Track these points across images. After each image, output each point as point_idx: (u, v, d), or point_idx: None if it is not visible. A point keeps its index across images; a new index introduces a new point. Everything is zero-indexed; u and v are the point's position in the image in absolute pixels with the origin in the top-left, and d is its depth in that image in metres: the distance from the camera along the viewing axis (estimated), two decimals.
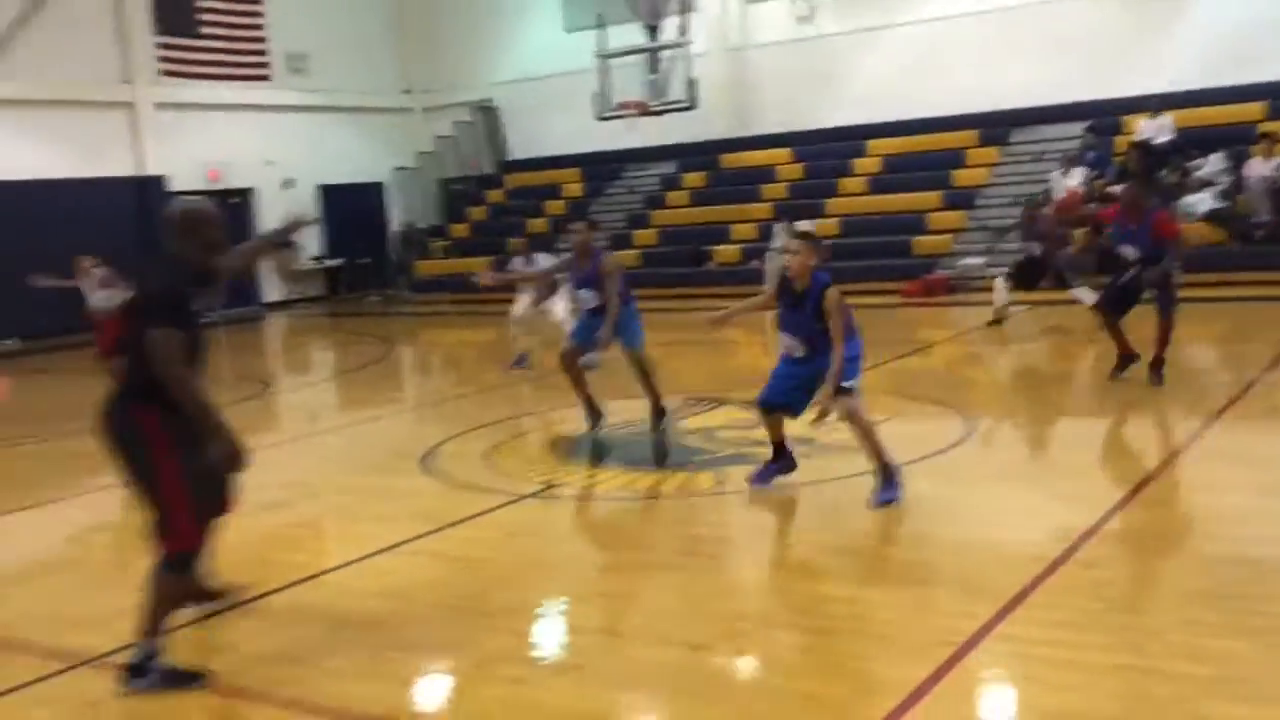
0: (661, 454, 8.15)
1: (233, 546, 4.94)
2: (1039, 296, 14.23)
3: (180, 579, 4.41)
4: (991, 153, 19.24)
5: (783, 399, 6.40)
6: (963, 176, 19.01)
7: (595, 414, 8.74)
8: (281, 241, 5.26)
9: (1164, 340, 8.86)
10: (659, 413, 8.62)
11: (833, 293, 6.05)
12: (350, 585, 5.59)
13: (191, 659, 4.63)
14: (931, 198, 18.63)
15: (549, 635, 4.97)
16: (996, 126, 19.42)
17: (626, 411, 9.40)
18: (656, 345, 14.56)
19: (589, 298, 8.58)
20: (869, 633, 4.61)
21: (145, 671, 4.33)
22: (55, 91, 19.49)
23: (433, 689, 4.44)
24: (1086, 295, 11.26)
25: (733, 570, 5.82)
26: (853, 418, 6.14)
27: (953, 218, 18.19)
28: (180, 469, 4.30)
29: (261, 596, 5.39)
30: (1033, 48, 18.97)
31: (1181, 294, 8.94)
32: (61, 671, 4.70)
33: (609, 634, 4.80)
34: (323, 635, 4.93)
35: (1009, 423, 8.89)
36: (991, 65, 19.22)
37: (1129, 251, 8.90)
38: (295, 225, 5.36)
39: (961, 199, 18.53)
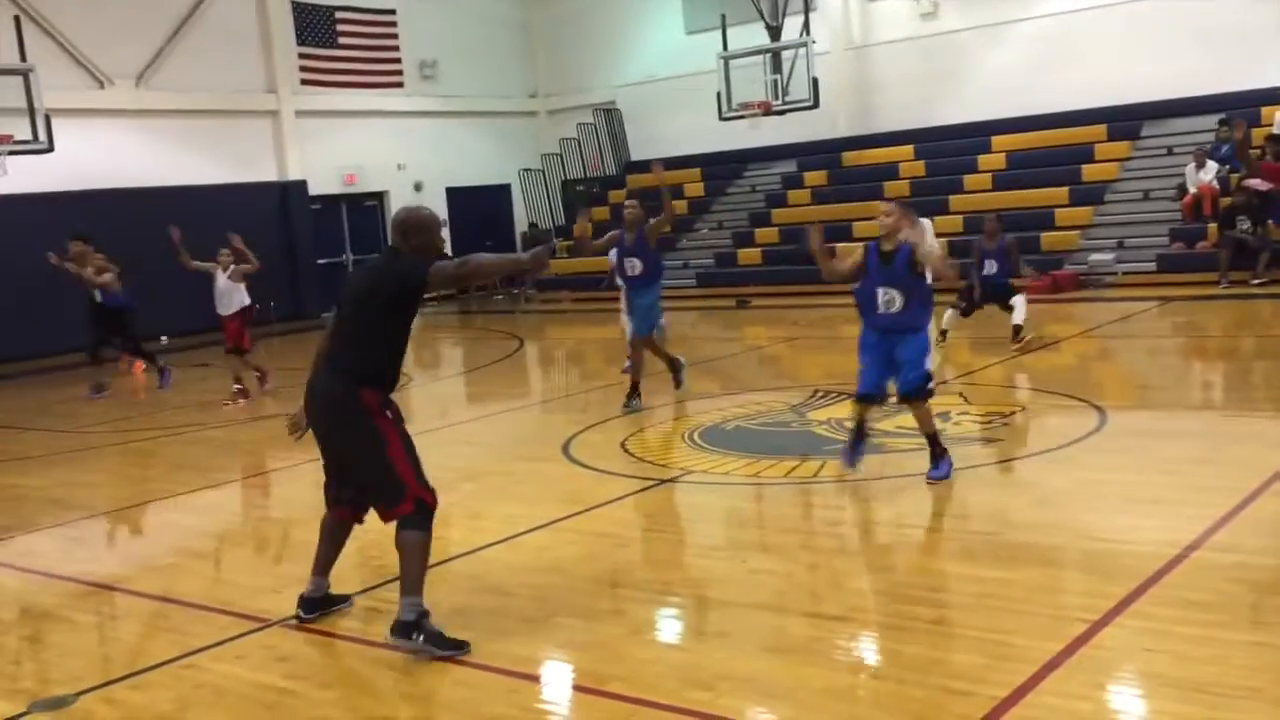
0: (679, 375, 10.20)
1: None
2: (1176, 292, 14.06)
3: (427, 535, 4.78)
4: (1121, 147, 18.93)
5: (878, 389, 6.94)
6: (1091, 171, 18.74)
7: (676, 365, 10.20)
8: (525, 269, 5.24)
9: None
10: (676, 368, 10.23)
11: (925, 247, 6.98)
12: (507, 560, 6.00)
13: (371, 622, 5.08)
14: (1059, 193, 18.43)
15: (695, 607, 5.27)
16: (1126, 120, 19.11)
17: (755, 404, 9.68)
18: (780, 341, 14.90)
19: (633, 265, 9.90)
20: (1003, 609, 4.79)
21: (417, 630, 4.64)
22: (206, 102, 20.59)
23: (592, 652, 4.78)
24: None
25: (866, 551, 6.06)
26: (916, 411, 6.84)
27: (1081, 213, 17.97)
28: (403, 439, 4.78)
29: (432, 566, 5.82)
30: (1162, 40, 18.63)
31: None
32: (253, 631, 5.20)
33: (751, 606, 5.08)
34: (488, 602, 5.34)
35: (1141, 415, 8.90)
36: (1119, 58, 18.94)
37: None
38: (541, 259, 4.96)
39: (1090, 194, 18.28)
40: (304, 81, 22.23)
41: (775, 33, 20.70)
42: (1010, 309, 11.67)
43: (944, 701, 3.95)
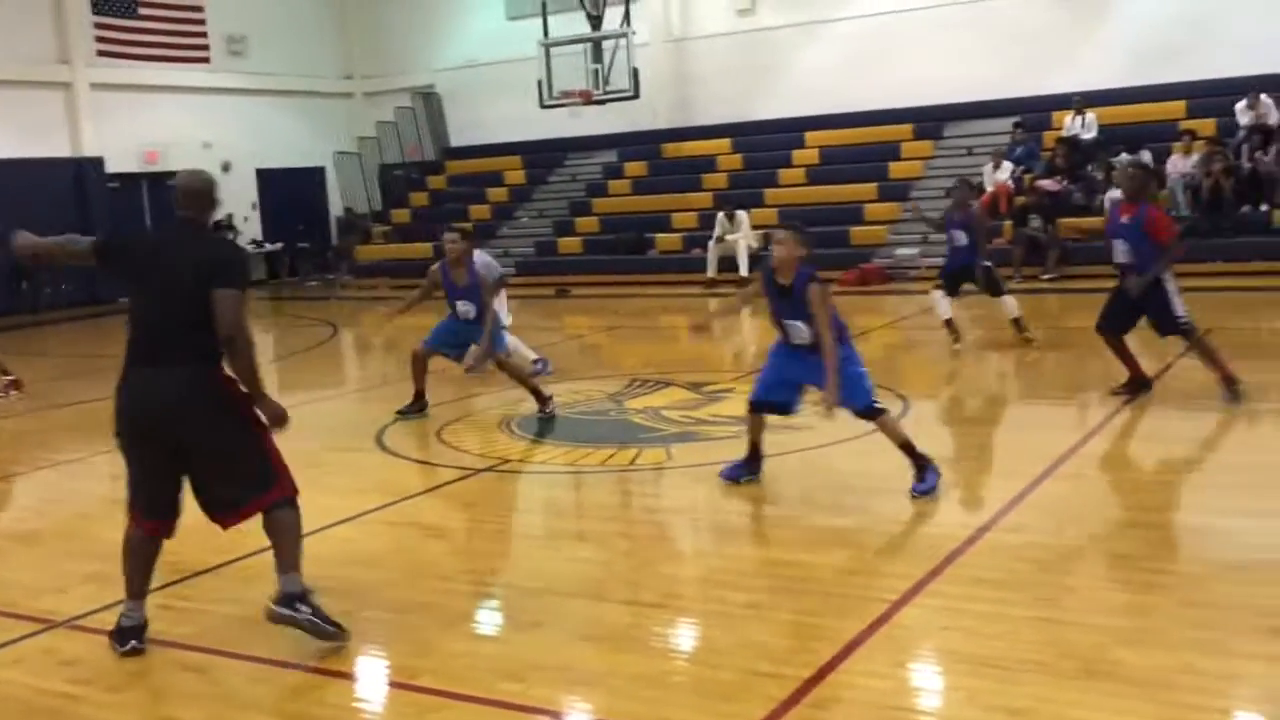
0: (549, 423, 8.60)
1: (194, 517, 5.07)
2: (974, 286, 14.73)
3: (299, 515, 4.62)
4: (925, 146, 19.77)
5: (777, 397, 6.35)
6: (898, 169, 19.51)
7: (422, 404, 9.05)
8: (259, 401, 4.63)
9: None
10: (542, 400, 8.74)
11: (815, 288, 5.89)
12: (316, 552, 5.74)
13: (165, 622, 4.84)
14: (868, 189, 19.13)
15: (510, 597, 5.23)
16: (930, 121, 19.96)
17: (573, 393, 9.68)
18: (600, 330, 14.95)
19: (468, 310, 8.70)
20: (810, 592, 4.93)
21: (302, 601, 4.50)
22: None
23: (402, 647, 4.68)
24: (1013, 306, 11.19)
25: (680, 538, 6.13)
26: (883, 428, 6.25)
27: (888, 209, 18.67)
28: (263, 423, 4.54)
29: (228, 564, 5.60)
30: (966, 45, 19.52)
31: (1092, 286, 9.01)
32: (35, 633, 4.89)
33: (567, 595, 5.07)
34: None
35: (942, 403, 9.30)
36: (926, 61, 19.74)
37: (1120, 250, 8.07)
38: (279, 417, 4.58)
39: (897, 191, 19.01)
40: (100, 53, 21.05)
41: (596, 22, 20.74)
42: (994, 293, 11.18)
43: (753, 684, 4.03)
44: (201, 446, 4.45)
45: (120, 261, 4.61)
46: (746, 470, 6.58)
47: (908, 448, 6.18)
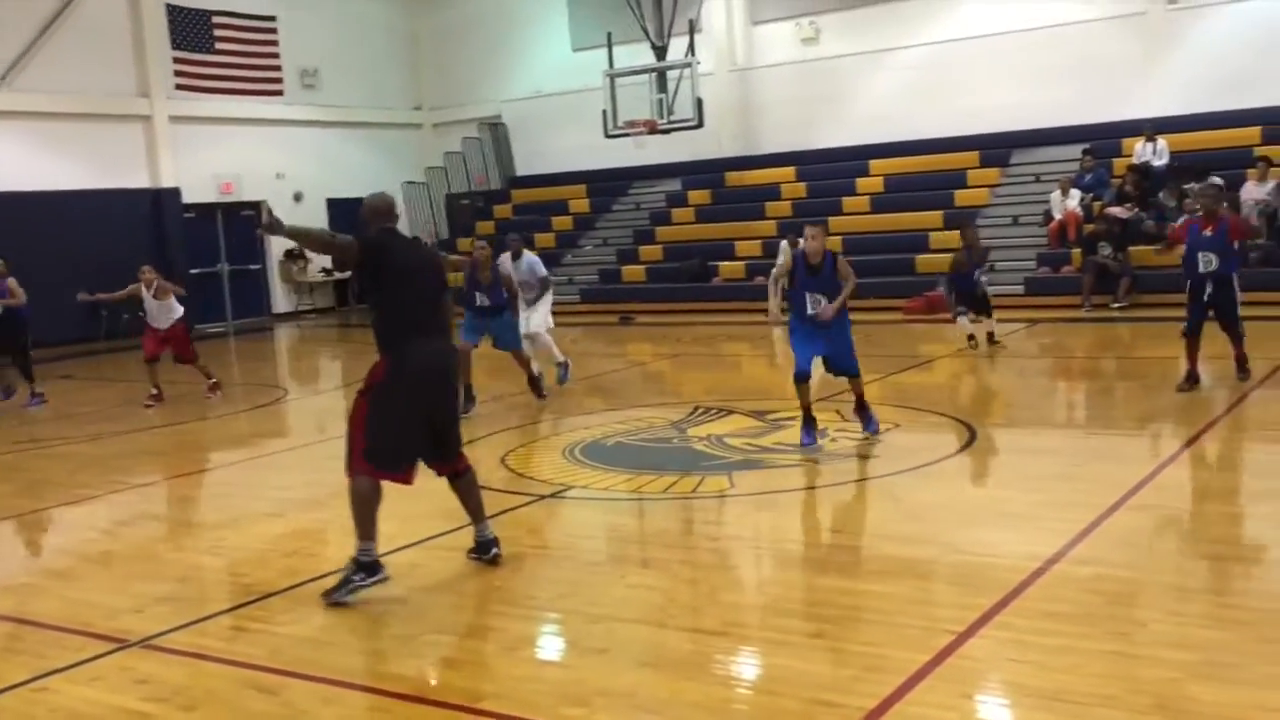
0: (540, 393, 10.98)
1: (266, 540, 5.20)
2: (1042, 315, 14.56)
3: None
4: (992, 174, 19.61)
5: (810, 367, 8.20)
6: (964, 196, 19.36)
7: (470, 397, 10.49)
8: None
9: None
10: (539, 394, 11.01)
11: (841, 259, 8.23)
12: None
13: (237, 643, 4.93)
14: (933, 217, 18.99)
15: (573, 623, 5.25)
16: (997, 148, 19.80)
17: (636, 420, 9.71)
18: (663, 358, 14.98)
19: (484, 299, 10.79)
20: (874, 621, 4.89)
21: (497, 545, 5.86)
22: (74, 105, 19.87)
23: (467, 670, 4.72)
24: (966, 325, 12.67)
25: (743, 566, 6.11)
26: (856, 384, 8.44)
27: (954, 237, 18.42)
28: None
29: (295, 586, 5.69)
30: (1033, 72, 19.37)
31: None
32: (111, 652, 5.00)
33: (629, 621, 5.08)
34: (359, 621, 5.23)
35: (1008, 432, 9.19)
36: (993, 88, 19.63)
37: (1205, 261, 9.40)
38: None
39: (962, 218, 18.84)
40: (179, 86, 21.63)
41: (661, 52, 20.90)
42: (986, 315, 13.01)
43: (815, 713, 4.00)
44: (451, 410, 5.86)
45: (385, 257, 5.44)
46: (816, 432, 8.27)
47: (863, 400, 8.40)
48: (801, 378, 8.17)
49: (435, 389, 5.50)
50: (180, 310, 12.60)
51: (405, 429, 5.39)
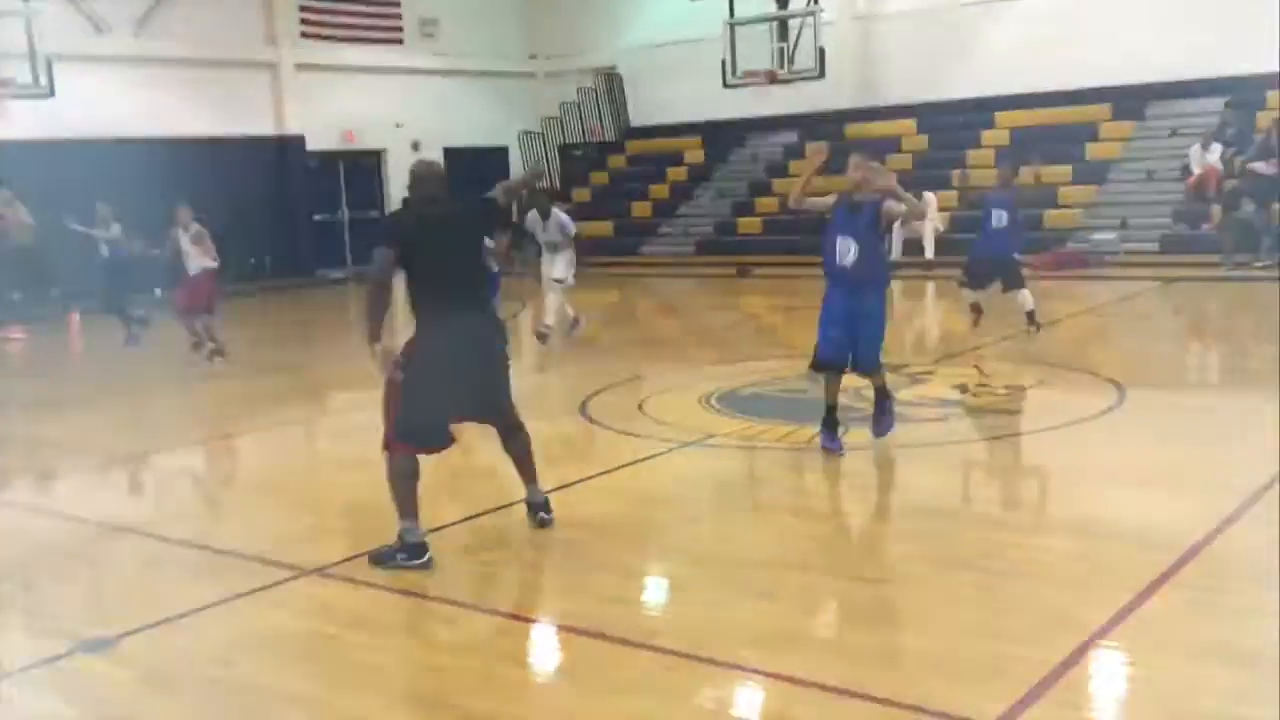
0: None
1: (449, 472, 5.30)
2: (1178, 273, 14.10)
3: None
4: (1125, 127, 18.96)
5: (839, 358, 6.96)
6: (1095, 150, 18.77)
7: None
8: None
9: None
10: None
11: (886, 200, 6.91)
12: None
13: (404, 577, 5.07)
14: (1063, 171, 18.41)
15: (735, 568, 5.27)
16: (1131, 100, 19.11)
17: (770, 371, 9.68)
18: (778, 310, 14.88)
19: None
20: (1045, 576, 4.83)
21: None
22: (205, 51, 20.27)
23: (634, 607, 4.78)
24: (1028, 299, 10.66)
25: (899, 517, 6.07)
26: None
27: (1085, 192, 18.00)
28: None
29: (460, 522, 5.82)
30: (1170, 20, 18.58)
31: None
32: (291, 579, 5.18)
33: (792, 568, 5.09)
34: (520, 557, 5.34)
35: (1163, 393, 8.93)
36: (1126, 37, 18.88)
37: None
38: (532, 176, 5.72)
39: (1093, 173, 18.32)
40: (304, 34, 21.95)
41: (783, 1, 20.57)
42: (1010, 288, 10.74)
43: (1002, 665, 3.97)
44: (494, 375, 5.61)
45: (405, 237, 5.51)
46: (838, 432, 7.04)
47: (884, 391, 7.10)
48: (822, 365, 7.05)
49: (465, 357, 5.29)
50: (213, 264, 11.49)
51: (436, 403, 5.23)
